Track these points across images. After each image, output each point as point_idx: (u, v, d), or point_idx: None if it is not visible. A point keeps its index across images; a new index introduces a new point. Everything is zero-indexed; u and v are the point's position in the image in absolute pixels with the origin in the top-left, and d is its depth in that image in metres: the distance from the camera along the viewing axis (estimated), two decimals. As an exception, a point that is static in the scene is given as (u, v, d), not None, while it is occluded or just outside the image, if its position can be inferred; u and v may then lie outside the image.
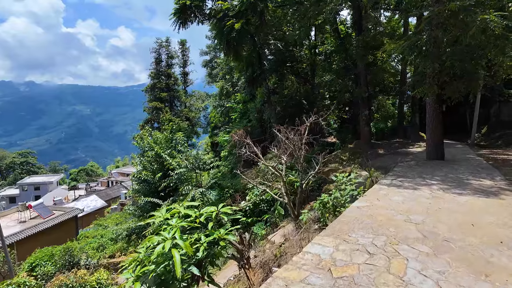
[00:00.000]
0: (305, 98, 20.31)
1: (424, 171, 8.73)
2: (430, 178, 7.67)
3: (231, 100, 27.22)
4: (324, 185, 13.87)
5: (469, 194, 5.90)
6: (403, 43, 9.61)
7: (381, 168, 13.80)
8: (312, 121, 9.16)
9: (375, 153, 16.21)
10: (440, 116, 11.04)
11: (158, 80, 39.42)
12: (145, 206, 15.54)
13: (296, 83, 19.78)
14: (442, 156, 11.16)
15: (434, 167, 9.52)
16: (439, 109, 10.99)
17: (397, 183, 7.06)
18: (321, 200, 6.19)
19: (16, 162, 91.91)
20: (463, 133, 21.59)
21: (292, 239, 6.34)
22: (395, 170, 9.31)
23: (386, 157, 15.28)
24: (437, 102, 10.99)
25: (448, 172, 8.54)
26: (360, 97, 16.33)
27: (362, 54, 15.09)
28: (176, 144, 15.32)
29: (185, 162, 13.90)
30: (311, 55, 23.01)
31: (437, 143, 11.10)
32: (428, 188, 6.49)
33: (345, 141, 18.84)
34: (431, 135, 11.18)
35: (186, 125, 40.94)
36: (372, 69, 16.95)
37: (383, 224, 4.10)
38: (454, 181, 7.20)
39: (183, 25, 16.62)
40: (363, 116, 16.83)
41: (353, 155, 16.36)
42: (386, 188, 6.49)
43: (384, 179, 7.71)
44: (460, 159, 11.54)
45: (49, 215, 28.82)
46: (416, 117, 18.28)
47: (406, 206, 4.99)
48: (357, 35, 15.44)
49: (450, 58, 8.90)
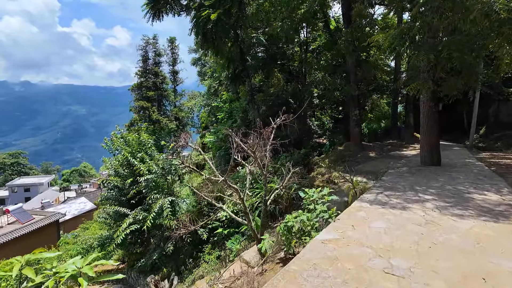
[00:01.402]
0: (292, 97, 18.99)
1: (417, 181, 7.41)
2: (423, 191, 6.35)
3: (218, 99, 25.84)
4: (309, 193, 12.57)
5: (472, 216, 4.58)
6: (393, 32, 8.30)
7: (371, 173, 12.51)
8: (281, 122, 7.75)
9: (366, 156, 14.93)
10: (436, 115, 9.75)
11: (145, 78, 37.94)
12: (115, 214, 14.18)
13: (283, 80, 18.43)
14: (438, 161, 9.86)
15: (429, 175, 8.21)
16: (435, 107, 9.70)
17: (383, 199, 5.72)
18: (285, 223, 4.85)
19: (7, 163, 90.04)
20: (460, 133, 20.35)
21: (250, 272, 5.00)
22: (384, 179, 7.98)
23: (377, 160, 14.00)
24: (432, 100, 9.70)
25: (446, 182, 7.23)
26: (349, 95, 15.03)
27: (351, 49, 13.79)
28: (146, 147, 13.92)
29: (154, 168, 12.52)
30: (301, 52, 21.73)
31: (433, 146, 9.80)
32: (421, 206, 5.16)
33: (334, 142, 17.55)
34: (426, 137, 9.88)
35: (174, 125, 39.52)
36: (363, 65, 15.64)
37: (351, 278, 2.76)
38: (453, 196, 5.88)
39: (157, 17, 15.23)
40: (353, 116, 15.54)
41: (341, 158, 15.07)
42: (368, 207, 5.14)
43: (368, 192, 6.37)
44: (458, 164, 10.25)
45: (28, 220, 27.38)
46: (411, 117, 17.00)
47: (389, 240, 3.64)
48: (346, 28, 14.14)
49: (447, 48, 7.60)
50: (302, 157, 14.89)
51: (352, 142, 15.91)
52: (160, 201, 11.60)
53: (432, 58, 7.67)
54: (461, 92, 9.36)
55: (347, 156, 15.26)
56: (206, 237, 13.55)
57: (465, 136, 19.21)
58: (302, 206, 5.91)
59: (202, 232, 13.48)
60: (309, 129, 18.22)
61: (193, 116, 43.42)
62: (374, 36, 8.64)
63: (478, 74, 8.99)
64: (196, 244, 14.41)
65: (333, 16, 20.70)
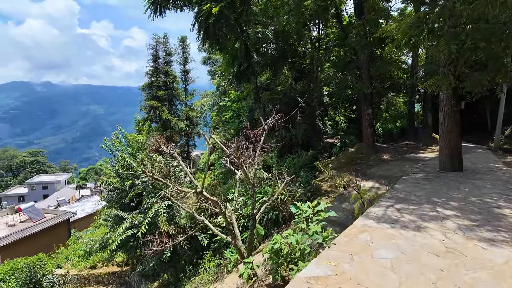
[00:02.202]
0: (301, 96, 18.05)
1: (435, 191, 6.42)
2: (443, 204, 5.38)
3: (226, 98, 25.17)
4: (315, 198, 11.70)
5: (506, 242, 3.63)
6: (408, 21, 7.31)
7: (384, 178, 11.52)
8: (274, 122, 6.92)
9: (379, 159, 13.87)
10: (458, 115, 8.66)
11: (155, 78, 37.73)
12: (115, 217, 13.73)
13: (291, 78, 17.52)
14: (459, 166, 8.77)
15: (449, 183, 7.17)
16: (456, 106, 8.61)
17: (393, 214, 4.80)
18: (271, 246, 4.02)
19: (27, 161, 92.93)
20: (482, 134, 18.85)
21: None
22: (396, 188, 7.00)
23: (391, 164, 12.94)
24: (453, 98, 8.62)
25: (469, 192, 6.21)
26: (361, 93, 13.99)
27: (363, 43, 12.76)
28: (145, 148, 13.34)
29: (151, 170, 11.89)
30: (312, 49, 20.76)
31: (453, 149, 8.71)
32: (440, 226, 4.23)
33: (346, 143, 16.50)
34: (445, 139, 8.80)
35: (184, 125, 39.16)
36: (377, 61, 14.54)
37: None
38: (479, 211, 4.90)
39: (158, 12, 14.65)
40: (365, 115, 14.49)
41: (352, 161, 14.05)
42: (374, 226, 4.25)
43: (376, 205, 5.45)
44: (482, 169, 9.11)
45: (40, 219, 27.62)
46: (429, 117, 15.75)
47: (396, 281, 2.77)
48: (358, 20, 13.10)
49: (472, 37, 6.57)
50: (310, 159, 13.97)
51: (365, 144, 14.85)
52: (156, 205, 10.98)
53: (454, 50, 6.64)
54: (487, 89, 8.24)
55: (358, 158, 14.24)
56: (207, 243, 12.88)
57: (488, 137, 17.73)
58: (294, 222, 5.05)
59: (202, 238, 12.82)
60: (318, 129, 17.24)
61: (205, 116, 42.91)
62: (386, 26, 7.67)
63: (508, 68, 7.85)
64: (197, 250, 13.77)
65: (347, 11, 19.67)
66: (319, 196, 11.86)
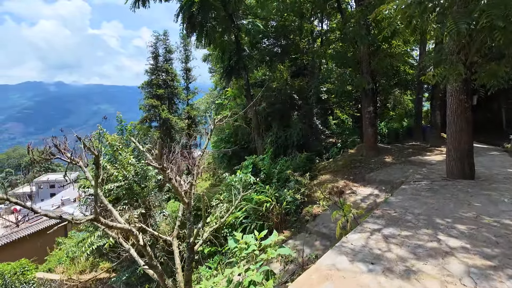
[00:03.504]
0: (299, 93, 16.78)
1: (440, 207, 5.10)
2: (447, 228, 4.08)
3: (222, 96, 24.03)
4: (306, 206, 10.46)
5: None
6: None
7: (384, 183, 10.22)
8: (219, 122, 5.70)
9: (381, 161, 12.51)
10: (469, 112, 7.28)
11: (155, 76, 36.86)
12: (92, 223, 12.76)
13: (287, 74, 16.25)
14: (471, 173, 7.38)
15: (457, 195, 5.83)
16: (467, 102, 7.24)
17: (377, 246, 3.53)
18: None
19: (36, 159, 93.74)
20: (497, 134, 17.18)
21: None
22: (391, 201, 5.69)
23: (394, 167, 11.59)
24: (464, 92, 7.25)
25: (483, 209, 4.88)
26: (361, 89, 12.64)
27: (363, 33, 11.41)
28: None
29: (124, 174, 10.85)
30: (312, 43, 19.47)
31: (464, 152, 7.33)
32: (440, 268, 2.96)
33: (346, 144, 15.17)
34: (454, 140, 7.43)
35: (184, 124, 38.22)
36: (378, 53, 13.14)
37: None
38: (497, 241, 3.60)
39: (141, 3, 13.56)
40: (366, 113, 13.13)
41: (351, 163, 12.73)
42: (346, 266, 2.99)
43: (358, 229, 4.19)
44: (499, 177, 7.69)
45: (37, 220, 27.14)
46: (437, 115, 14.24)
47: None
48: (357, 7, 11.75)
49: (487, 14, 5.23)
50: (304, 161, 12.66)
51: (366, 144, 13.49)
52: (126, 214, 9.89)
53: (464, 30, 5.30)
54: (505, 81, 6.85)
55: (358, 161, 12.91)
56: (189, 254, 11.75)
57: (503, 137, 16.09)
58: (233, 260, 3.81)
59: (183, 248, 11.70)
60: (316, 129, 15.92)
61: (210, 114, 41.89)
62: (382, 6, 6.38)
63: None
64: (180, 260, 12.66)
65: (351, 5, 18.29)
66: (310, 204, 10.60)
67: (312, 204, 10.50)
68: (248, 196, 10.60)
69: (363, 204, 9.28)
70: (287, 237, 9.30)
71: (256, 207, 10.11)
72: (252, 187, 11.38)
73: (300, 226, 9.83)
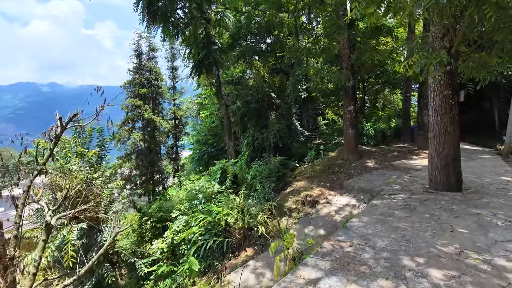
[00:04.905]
0: (279, 91, 15.50)
1: (413, 236, 3.84)
2: (417, 274, 2.83)
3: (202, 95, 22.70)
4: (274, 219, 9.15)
5: None
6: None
7: (363, 191, 8.99)
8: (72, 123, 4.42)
9: (362, 166, 11.28)
10: (455, 111, 6.05)
11: (138, 75, 35.31)
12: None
13: (264, 70, 14.97)
14: (457, 185, 6.13)
15: (439, 216, 4.58)
16: (452, 98, 6.01)
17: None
18: None
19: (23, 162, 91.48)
20: (488, 134, 16.06)
21: None
22: (351, 226, 4.42)
23: (376, 173, 10.38)
24: (449, 87, 6.02)
25: (469, 239, 3.63)
26: (340, 86, 11.41)
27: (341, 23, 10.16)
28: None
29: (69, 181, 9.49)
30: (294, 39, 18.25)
31: (448, 160, 6.09)
32: None
33: (326, 147, 13.93)
34: (437, 146, 6.19)
35: (169, 125, 36.82)
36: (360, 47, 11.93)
37: None
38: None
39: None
40: (346, 113, 11.91)
41: (329, 169, 11.48)
42: None
43: (288, 278, 2.91)
44: (491, 188, 6.46)
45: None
46: (424, 115, 13.02)
47: None
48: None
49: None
50: (277, 167, 11.37)
51: (346, 147, 12.24)
52: (64, 230, 8.52)
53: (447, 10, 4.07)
54: (498, 72, 5.65)
55: (337, 165, 11.66)
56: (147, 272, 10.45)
57: (496, 138, 14.99)
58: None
59: (140, 265, 10.38)
60: (295, 130, 14.66)
61: (197, 115, 40.45)
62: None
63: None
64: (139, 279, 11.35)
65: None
66: (280, 215, 9.32)
67: (281, 216, 9.22)
68: (209, 208, 9.30)
69: (337, 217, 8.05)
70: (249, 256, 7.99)
71: (215, 220, 8.79)
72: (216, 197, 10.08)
73: (265, 243, 8.51)
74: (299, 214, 8.99)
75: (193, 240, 8.49)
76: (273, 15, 16.53)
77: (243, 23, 16.52)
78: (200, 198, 9.83)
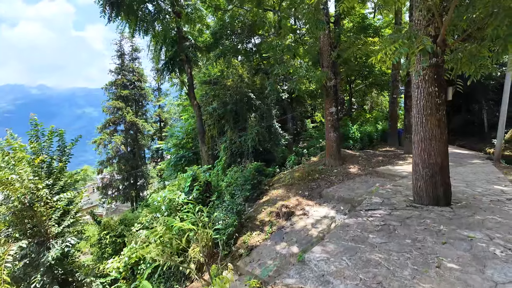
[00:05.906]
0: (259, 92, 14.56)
1: (388, 274, 2.90)
2: None
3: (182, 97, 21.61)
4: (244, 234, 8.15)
5: None
6: None
7: (344, 201, 8.08)
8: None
9: (344, 172, 10.38)
10: (442, 112, 5.17)
11: (120, 76, 34.04)
12: None
13: (242, 70, 14.01)
14: (445, 198, 5.23)
15: (422, 242, 3.64)
16: (439, 96, 5.12)
17: None
18: None
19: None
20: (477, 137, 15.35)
21: None
22: (310, 257, 3.44)
23: (358, 180, 9.48)
24: (435, 83, 5.13)
25: (460, 277, 2.71)
26: (320, 86, 10.50)
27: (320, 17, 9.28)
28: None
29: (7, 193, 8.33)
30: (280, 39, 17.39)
31: (435, 169, 5.19)
32: None
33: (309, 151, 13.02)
34: (422, 152, 5.30)
35: (152, 127, 35.61)
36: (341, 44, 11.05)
37: None
38: None
39: None
40: (327, 115, 11.00)
41: (309, 175, 10.53)
42: None
43: None
44: (483, 202, 5.56)
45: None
46: (411, 117, 12.19)
47: None
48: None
49: None
50: (252, 173, 10.36)
51: (328, 152, 11.32)
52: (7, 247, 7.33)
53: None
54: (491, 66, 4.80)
55: (317, 172, 10.73)
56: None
57: (486, 141, 14.29)
58: None
59: (98, 285, 9.25)
60: (276, 133, 13.70)
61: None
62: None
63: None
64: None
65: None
66: (251, 229, 8.32)
67: (252, 231, 8.19)
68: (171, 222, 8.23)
69: (313, 231, 7.11)
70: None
71: (177, 237, 7.74)
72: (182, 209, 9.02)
73: (232, 262, 7.46)
74: (272, 228, 7.99)
75: (149, 259, 7.42)
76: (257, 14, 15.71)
77: (226, 22, 15.64)
78: (163, 210, 8.76)
